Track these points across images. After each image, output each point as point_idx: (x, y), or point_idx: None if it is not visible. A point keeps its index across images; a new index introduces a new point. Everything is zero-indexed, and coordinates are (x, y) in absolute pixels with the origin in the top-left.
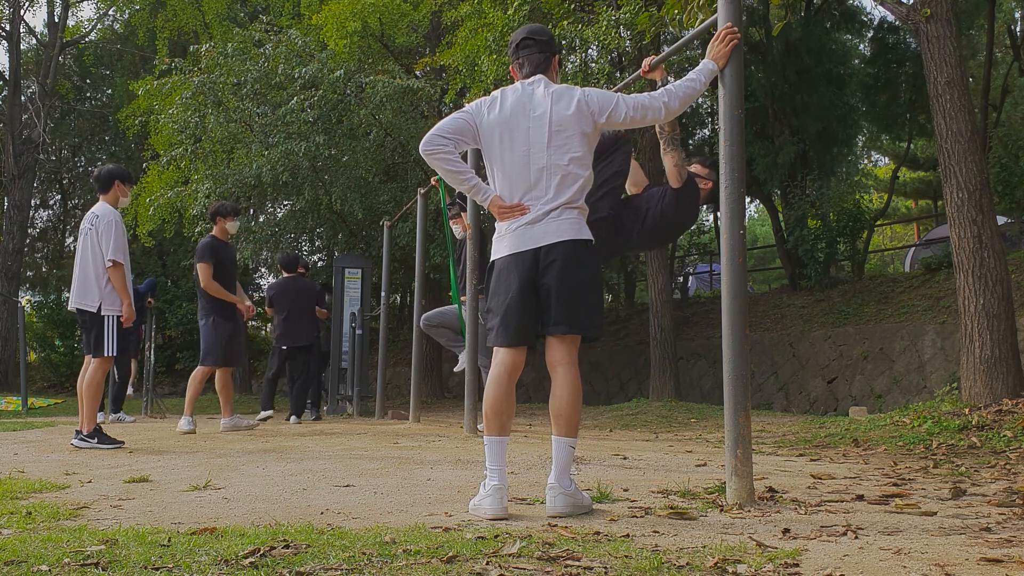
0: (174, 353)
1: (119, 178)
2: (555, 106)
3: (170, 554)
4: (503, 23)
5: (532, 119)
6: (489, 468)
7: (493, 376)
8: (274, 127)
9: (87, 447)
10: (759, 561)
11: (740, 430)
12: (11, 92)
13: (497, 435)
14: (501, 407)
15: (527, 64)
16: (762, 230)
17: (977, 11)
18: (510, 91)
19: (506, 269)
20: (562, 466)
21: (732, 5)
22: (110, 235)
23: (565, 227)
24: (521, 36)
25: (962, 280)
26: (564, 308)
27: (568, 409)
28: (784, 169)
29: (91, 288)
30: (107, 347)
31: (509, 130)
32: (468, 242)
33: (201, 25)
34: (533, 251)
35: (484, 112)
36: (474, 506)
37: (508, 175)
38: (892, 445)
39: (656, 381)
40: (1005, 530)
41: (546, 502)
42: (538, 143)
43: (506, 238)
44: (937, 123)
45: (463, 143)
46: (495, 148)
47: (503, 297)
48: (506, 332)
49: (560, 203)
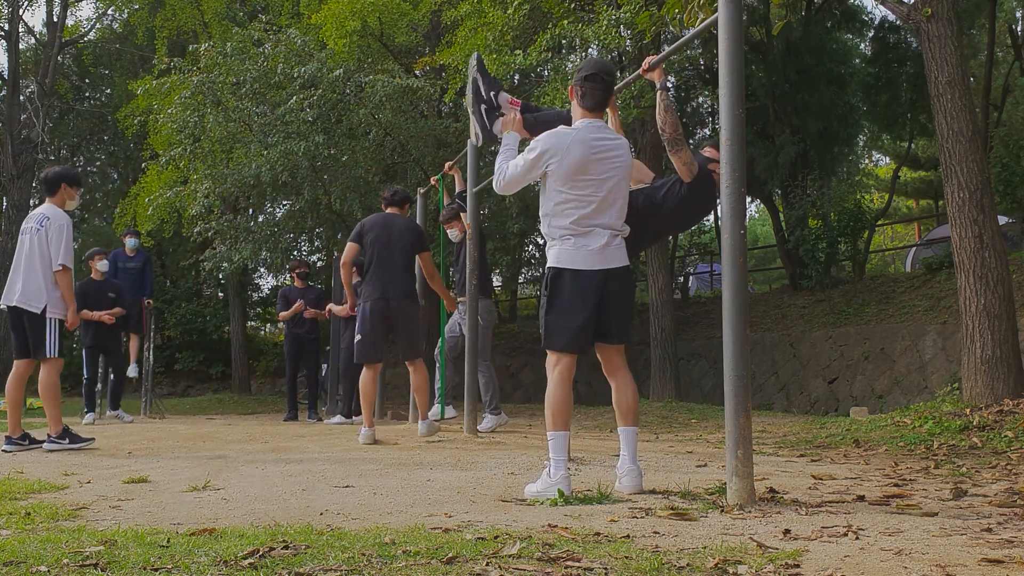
0: (173, 353)
1: (66, 181)
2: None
3: (169, 555)
4: (503, 22)
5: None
6: (556, 459)
7: (564, 381)
8: (273, 127)
9: (59, 449)
10: (760, 562)
11: (741, 430)
12: (10, 92)
13: (564, 430)
14: (569, 406)
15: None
16: (763, 230)
17: (978, 10)
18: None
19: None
20: (634, 451)
21: (732, 4)
22: (60, 239)
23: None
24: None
25: (963, 280)
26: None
27: (634, 403)
28: (785, 169)
29: (38, 290)
30: (48, 348)
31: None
32: (468, 242)
33: (200, 24)
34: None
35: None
36: (537, 492)
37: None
38: (893, 445)
39: (656, 381)
40: (1006, 530)
41: (623, 482)
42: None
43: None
44: (938, 123)
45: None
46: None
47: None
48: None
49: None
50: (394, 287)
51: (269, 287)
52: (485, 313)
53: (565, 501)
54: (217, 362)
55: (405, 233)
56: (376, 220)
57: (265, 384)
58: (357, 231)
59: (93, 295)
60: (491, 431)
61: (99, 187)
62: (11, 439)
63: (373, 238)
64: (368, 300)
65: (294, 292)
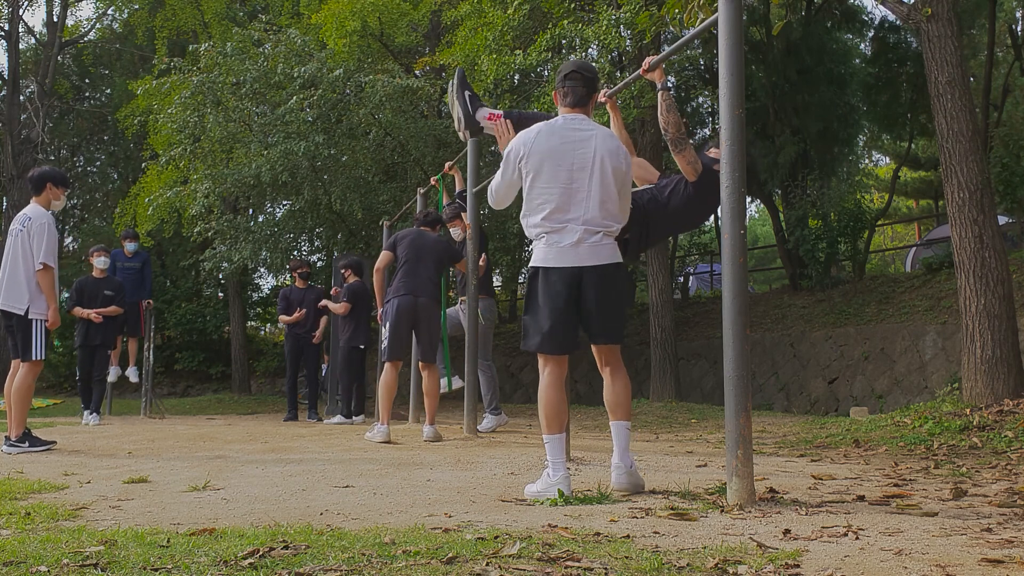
0: (173, 353)
1: (51, 180)
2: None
3: (169, 555)
4: (503, 22)
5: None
6: (554, 462)
7: (553, 383)
8: (273, 127)
9: (18, 452)
10: (760, 562)
11: (741, 431)
12: (10, 92)
13: (559, 433)
14: (562, 408)
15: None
16: (763, 230)
17: (978, 10)
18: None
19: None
20: (623, 446)
21: (732, 4)
22: (42, 238)
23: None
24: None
25: (963, 280)
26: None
27: (623, 398)
28: (785, 169)
29: (20, 290)
30: (35, 351)
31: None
32: (468, 242)
33: (200, 24)
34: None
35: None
36: (537, 492)
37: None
38: (893, 445)
39: (656, 381)
40: (1006, 531)
41: (612, 479)
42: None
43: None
44: (938, 123)
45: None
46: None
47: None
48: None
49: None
50: (423, 287)
51: (269, 287)
52: (486, 312)
53: (565, 501)
54: (217, 362)
55: (438, 244)
56: (410, 232)
57: (265, 384)
58: (392, 240)
59: (87, 292)
60: (491, 431)
61: (99, 187)
62: (9, 440)
63: (407, 245)
64: (397, 296)
65: (295, 292)
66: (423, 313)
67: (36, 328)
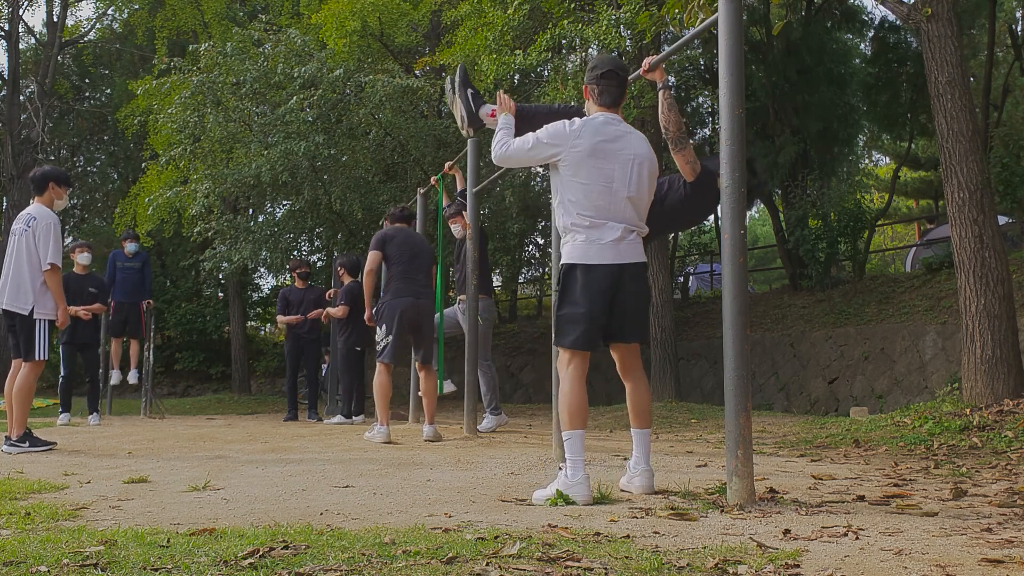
0: (173, 353)
1: (54, 180)
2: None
3: (169, 555)
4: (503, 22)
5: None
6: (573, 459)
7: (579, 378)
8: (273, 127)
9: (18, 452)
10: (760, 562)
11: (741, 431)
12: (10, 92)
13: (581, 429)
14: (585, 404)
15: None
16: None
17: (978, 10)
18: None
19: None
20: (646, 452)
21: (732, 4)
22: (48, 238)
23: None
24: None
25: (963, 280)
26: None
27: (647, 404)
28: (785, 169)
29: (25, 290)
30: (38, 351)
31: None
32: (468, 242)
33: (200, 24)
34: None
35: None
36: (548, 497)
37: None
38: (893, 446)
39: (656, 381)
40: (1006, 531)
41: (636, 482)
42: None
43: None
44: (938, 123)
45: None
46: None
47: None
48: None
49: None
50: (423, 289)
51: (269, 287)
52: (485, 312)
53: (566, 501)
54: (217, 362)
55: (424, 242)
56: (396, 231)
57: (265, 384)
58: (379, 240)
59: (72, 289)
60: (491, 431)
61: (99, 187)
62: (10, 440)
63: (398, 245)
64: (398, 298)
65: (295, 293)
66: (425, 315)
67: (40, 328)
